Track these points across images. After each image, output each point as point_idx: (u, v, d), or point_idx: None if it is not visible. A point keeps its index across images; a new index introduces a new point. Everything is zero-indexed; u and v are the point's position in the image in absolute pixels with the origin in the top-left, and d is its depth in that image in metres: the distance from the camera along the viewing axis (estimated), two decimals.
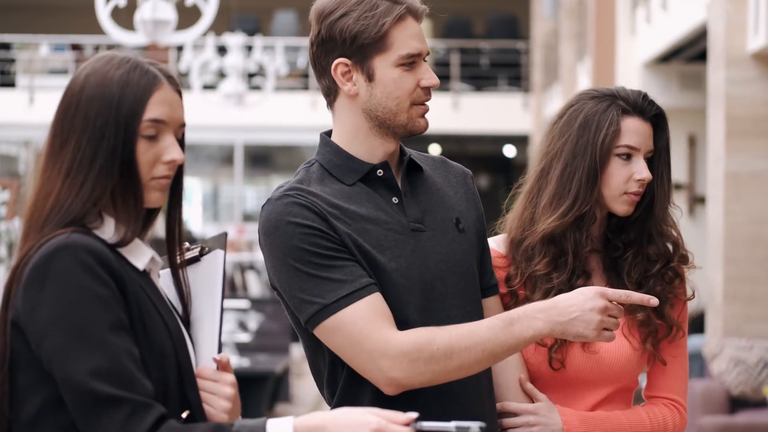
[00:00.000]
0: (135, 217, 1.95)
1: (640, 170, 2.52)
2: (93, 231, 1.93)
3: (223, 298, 2.05)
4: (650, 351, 2.53)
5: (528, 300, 2.49)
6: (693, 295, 2.61)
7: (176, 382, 1.93)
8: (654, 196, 2.58)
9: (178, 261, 2.07)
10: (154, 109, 1.95)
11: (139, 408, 1.80)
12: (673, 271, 2.58)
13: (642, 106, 2.54)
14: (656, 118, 2.57)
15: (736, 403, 8.05)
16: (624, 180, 2.52)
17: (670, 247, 2.60)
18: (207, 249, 2.11)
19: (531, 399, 2.48)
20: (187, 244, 2.13)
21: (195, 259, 2.11)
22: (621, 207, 2.54)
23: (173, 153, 1.96)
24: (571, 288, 2.42)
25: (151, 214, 2.04)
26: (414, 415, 1.88)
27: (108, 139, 1.92)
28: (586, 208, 2.51)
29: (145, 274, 1.98)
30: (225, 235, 2.14)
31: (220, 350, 2.04)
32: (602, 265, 2.59)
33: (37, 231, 1.92)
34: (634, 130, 2.53)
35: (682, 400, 2.57)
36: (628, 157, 2.52)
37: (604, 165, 2.51)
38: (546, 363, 2.51)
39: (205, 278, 2.09)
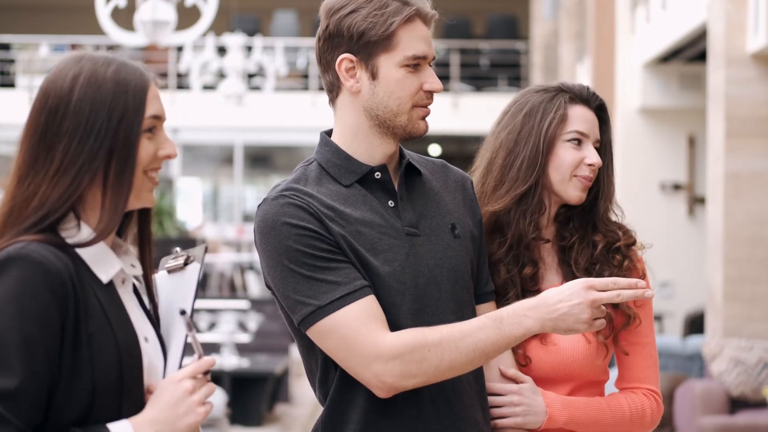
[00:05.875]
0: (119, 213, 1.94)
1: (591, 155, 2.57)
2: (64, 237, 1.91)
3: (192, 311, 2.04)
4: (603, 342, 2.54)
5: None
6: (642, 276, 2.61)
7: (116, 392, 1.91)
8: (600, 189, 2.62)
9: (154, 264, 2.07)
10: (152, 105, 1.96)
11: None
12: (621, 253, 2.59)
13: (587, 96, 2.61)
14: (599, 110, 2.63)
15: (736, 404, 8.05)
16: (574, 163, 2.57)
17: (616, 230, 2.62)
18: (191, 259, 2.10)
19: (516, 382, 2.48)
20: (177, 250, 2.13)
21: (179, 268, 2.11)
22: (574, 192, 2.57)
23: (168, 148, 1.98)
24: (521, 278, 2.52)
25: (124, 219, 2.03)
26: None
27: (102, 138, 1.91)
28: (522, 189, 2.55)
29: (109, 286, 1.96)
30: (205, 248, 2.12)
31: (181, 365, 2.02)
32: (557, 259, 2.61)
33: (11, 232, 1.90)
34: (582, 117, 2.59)
35: (656, 389, 2.60)
36: (578, 142, 2.58)
37: (549, 150, 2.57)
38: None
39: (183, 289, 2.08)
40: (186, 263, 2.10)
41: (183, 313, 1.99)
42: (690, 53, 11.35)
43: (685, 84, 12.00)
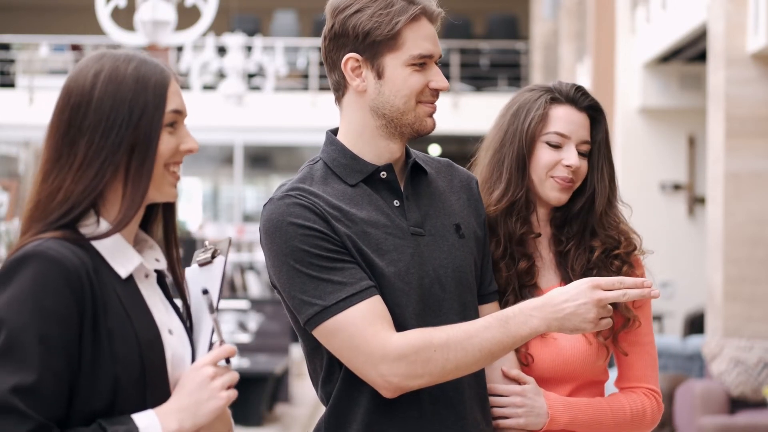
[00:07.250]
0: (136, 204, 1.97)
1: (569, 157, 2.57)
2: (83, 233, 1.94)
3: (218, 303, 2.06)
4: (603, 343, 2.55)
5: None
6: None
7: (139, 385, 1.93)
8: (595, 191, 2.62)
9: (176, 259, 2.10)
10: (172, 101, 2.00)
11: (38, 429, 1.83)
12: (620, 259, 2.59)
13: (573, 96, 2.60)
14: (592, 111, 2.62)
15: (736, 404, 8.06)
16: (550, 164, 2.57)
17: (617, 236, 2.62)
18: (218, 252, 2.12)
19: (518, 383, 2.49)
20: (206, 243, 2.15)
21: (208, 261, 2.13)
22: (551, 193, 2.58)
23: (190, 143, 2.02)
24: (518, 272, 2.53)
25: (150, 215, 2.07)
26: None
27: (123, 132, 1.95)
28: (520, 194, 2.56)
29: (129, 281, 1.98)
30: (229, 240, 2.14)
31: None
32: (555, 261, 2.62)
33: (37, 227, 1.94)
34: (563, 118, 2.58)
35: (656, 388, 2.61)
36: (557, 144, 2.57)
37: (530, 150, 2.57)
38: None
39: (210, 281, 2.10)
40: (213, 256, 2.12)
41: (205, 292, 2.01)
42: (690, 53, 11.35)
43: (685, 84, 12.01)
